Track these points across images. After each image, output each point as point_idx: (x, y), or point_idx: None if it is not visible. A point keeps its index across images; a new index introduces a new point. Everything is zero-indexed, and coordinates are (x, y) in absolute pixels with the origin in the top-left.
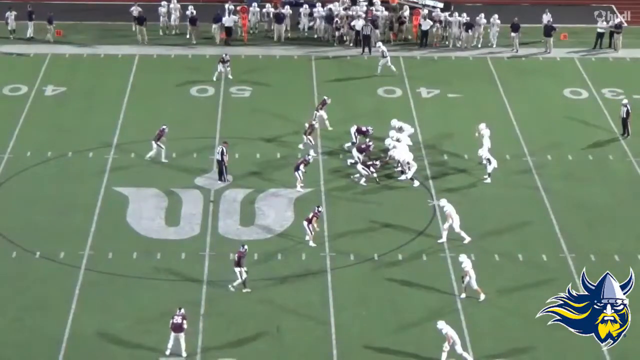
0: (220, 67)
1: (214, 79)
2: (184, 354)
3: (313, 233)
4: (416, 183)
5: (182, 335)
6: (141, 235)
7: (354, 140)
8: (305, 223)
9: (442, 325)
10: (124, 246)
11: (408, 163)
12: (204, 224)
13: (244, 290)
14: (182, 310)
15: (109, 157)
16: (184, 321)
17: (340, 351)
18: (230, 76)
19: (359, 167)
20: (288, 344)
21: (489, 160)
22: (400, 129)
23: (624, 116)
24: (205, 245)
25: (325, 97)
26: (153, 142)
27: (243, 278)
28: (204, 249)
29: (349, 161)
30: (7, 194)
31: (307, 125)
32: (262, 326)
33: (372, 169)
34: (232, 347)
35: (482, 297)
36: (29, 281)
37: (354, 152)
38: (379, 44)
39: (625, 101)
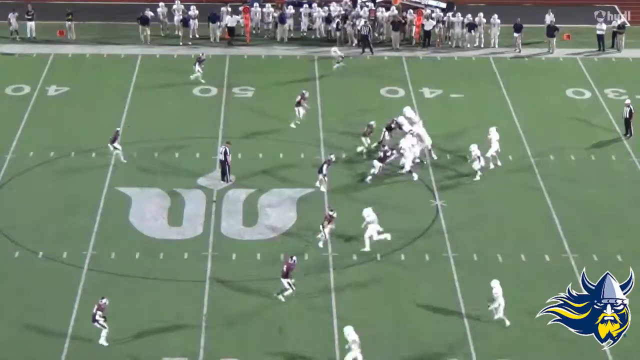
0: (197, 67)
1: (192, 77)
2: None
3: (326, 237)
4: (415, 177)
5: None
6: (144, 235)
7: (385, 138)
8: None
9: (348, 331)
10: (127, 246)
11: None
12: (207, 224)
13: (280, 297)
14: (104, 300)
15: (112, 157)
16: (98, 312)
17: (342, 352)
18: (199, 75)
19: (376, 163)
20: (290, 344)
21: (479, 157)
22: (410, 120)
23: (627, 116)
24: (208, 245)
25: (304, 91)
26: (109, 145)
27: (292, 289)
28: (206, 249)
29: (371, 170)
30: (9, 194)
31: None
32: (264, 326)
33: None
34: (234, 347)
35: (508, 323)
36: (31, 281)
37: (375, 162)
38: (335, 48)
39: (628, 101)
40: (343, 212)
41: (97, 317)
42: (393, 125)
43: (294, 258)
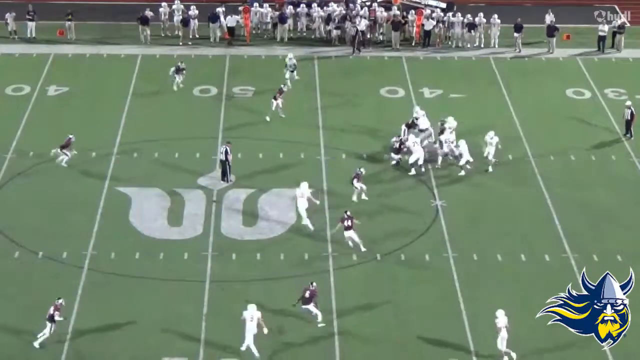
0: (177, 77)
1: (175, 88)
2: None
3: (359, 241)
4: (412, 171)
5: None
6: (144, 235)
7: (403, 136)
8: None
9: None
10: (127, 246)
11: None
12: (207, 224)
13: (319, 325)
14: (61, 301)
15: (112, 157)
16: (56, 312)
17: (343, 351)
18: (181, 85)
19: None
20: (290, 344)
21: (461, 154)
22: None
23: (629, 118)
24: (208, 245)
25: (283, 85)
26: (59, 150)
27: (315, 313)
28: (206, 249)
29: (392, 162)
30: (9, 193)
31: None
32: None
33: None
34: (234, 347)
35: (514, 356)
36: (31, 281)
37: (392, 155)
38: (290, 55)
39: (628, 103)
40: (342, 213)
41: (56, 318)
42: (411, 122)
43: (314, 284)
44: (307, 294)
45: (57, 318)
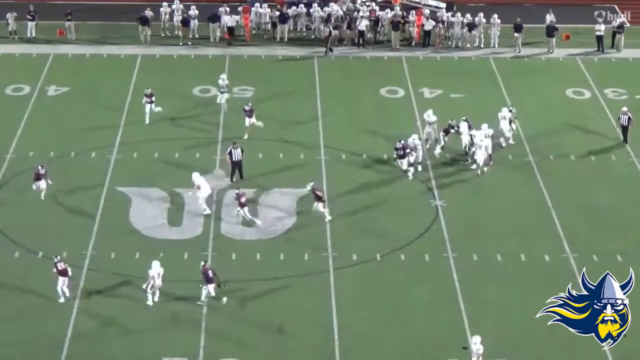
0: (147, 107)
1: (147, 121)
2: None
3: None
4: (410, 175)
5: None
6: (144, 235)
7: (442, 143)
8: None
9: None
10: (127, 246)
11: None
12: (207, 224)
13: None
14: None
15: (112, 157)
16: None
17: (343, 352)
18: (158, 109)
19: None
20: (290, 344)
21: (436, 140)
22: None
23: (625, 124)
24: (207, 245)
25: (247, 106)
26: (34, 185)
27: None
28: (206, 249)
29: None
30: (9, 193)
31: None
32: (264, 327)
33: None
34: (234, 347)
35: None
36: (31, 281)
37: (398, 162)
38: (223, 76)
39: (625, 109)
40: (343, 213)
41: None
42: (450, 128)
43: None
44: (209, 274)
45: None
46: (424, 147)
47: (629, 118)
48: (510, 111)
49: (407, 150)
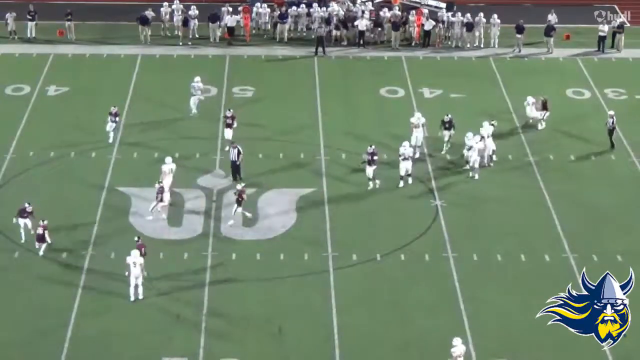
0: (109, 125)
1: (110, 141)
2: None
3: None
4: (401, 184)
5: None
6: (144, 235)
7: (447, 138)
8: None
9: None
10: (127, 246)
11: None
12: (207, 224)
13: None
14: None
15: (112, 157)
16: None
17: (343, 352)
18: (112, 133)
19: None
20: (290, 344)
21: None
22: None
23: (611, 127)
24: (207, 245)
25: (228, 112)
26: (15, 220)
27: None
28: (206, 249)
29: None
30: (9, 193)
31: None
32: (264, 326)
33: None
34: (234, 347)
35: None
36: (31, 281)
37: (366, 167)
38: (197, 78)
39: (611, 112)
40: (343, 212)
41: (46, 237)
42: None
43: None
44: (142, 251)
45: (47, 238)
46: (414, 155)
47: (614, 122)
48: (492, 125)
49: (375, 158)
